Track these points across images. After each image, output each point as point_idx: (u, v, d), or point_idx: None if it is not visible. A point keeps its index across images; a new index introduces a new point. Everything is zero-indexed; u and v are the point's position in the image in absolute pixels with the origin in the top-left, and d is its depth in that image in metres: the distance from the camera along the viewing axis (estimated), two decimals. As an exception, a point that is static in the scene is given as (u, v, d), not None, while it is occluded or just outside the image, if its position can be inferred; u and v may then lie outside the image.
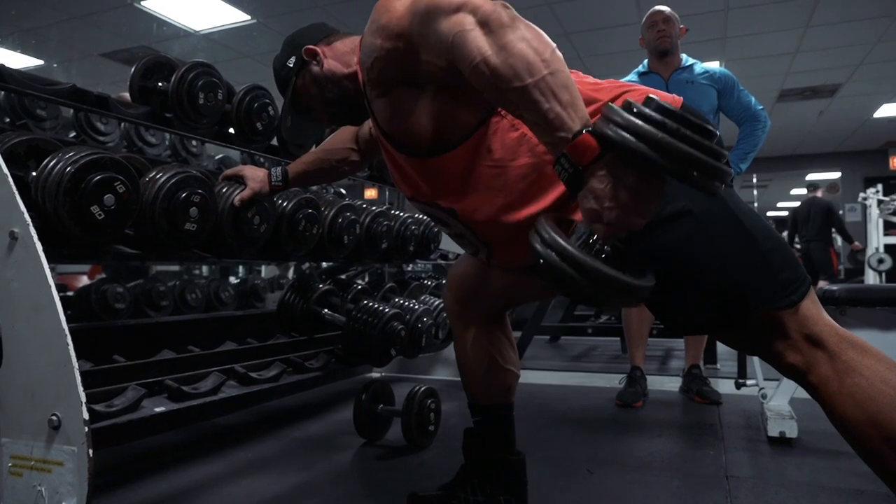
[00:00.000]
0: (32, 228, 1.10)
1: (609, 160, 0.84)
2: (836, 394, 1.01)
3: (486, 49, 0.91)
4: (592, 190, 0.85)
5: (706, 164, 0.81)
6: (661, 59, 2.83)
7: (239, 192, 1.71)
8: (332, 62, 1.33)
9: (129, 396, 1.48)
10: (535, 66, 0.88)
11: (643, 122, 0.80)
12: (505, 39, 0.91)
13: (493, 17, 0.93)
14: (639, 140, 0.80)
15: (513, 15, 0.93)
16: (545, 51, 0.90)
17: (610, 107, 0.84)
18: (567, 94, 0.88)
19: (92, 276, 4.91)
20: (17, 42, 6.13)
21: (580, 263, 0.84)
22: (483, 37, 0.92)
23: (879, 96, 7.94)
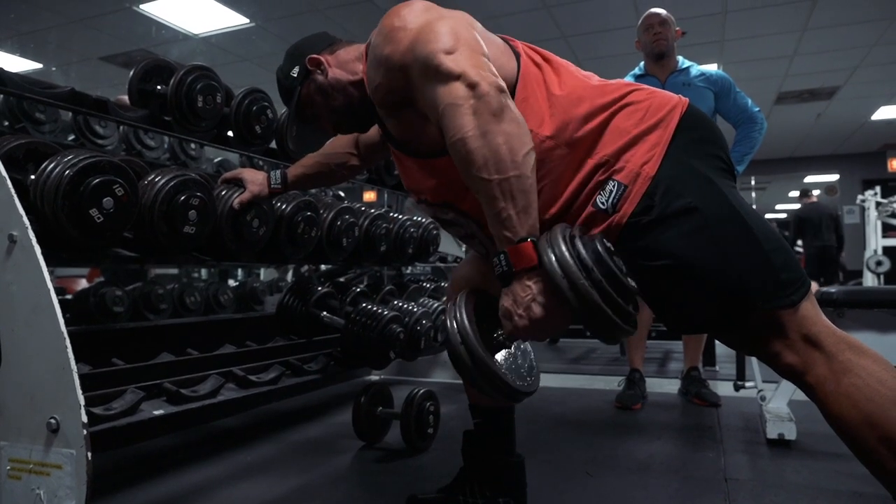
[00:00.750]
0: (31, 232, 1.10)
1: (537, 276, 0.95)
2: (833, 394, 1.01)
3: (468, 130, 0.96)
4: (514, 293, 0.97)
5: (609, 321, 0.92)
6: (657, 61, 2.84)
7: (238, 195, 1.71)
8: (337, 70, 1.33)
9: (127, 399, 1.48)
10: (504, 165, 0.94)
11: (573, 263, 0.91)
12: (487, 128, 0.95)
13: (485, 101, 0.96)
14: (564, 276, 0.91)
15: (503, 104, 0.97)
16: (519, 152, 0.95)
17: (555, 232, 0.96)
18: (524, 200, 0.95)
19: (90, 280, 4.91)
20: (15, 45, 6.14)
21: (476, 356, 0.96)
22: (470, 115, 0.96)
23: (877, 99, 7.95)
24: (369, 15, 5.08)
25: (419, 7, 1.13)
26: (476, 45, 1.05)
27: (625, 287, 0.94)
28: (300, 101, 1.37)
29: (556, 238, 0.94)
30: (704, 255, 1.07)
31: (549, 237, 0.95)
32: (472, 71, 0.98)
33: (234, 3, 5.34)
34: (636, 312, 0.98)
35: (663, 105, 1.17)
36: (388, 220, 2.48)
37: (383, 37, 1.12)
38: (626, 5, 5.22)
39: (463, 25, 1.09)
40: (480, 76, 0.98)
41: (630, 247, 1.12)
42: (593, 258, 0.92)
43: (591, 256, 0.92)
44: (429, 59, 1.02)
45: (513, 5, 5.31)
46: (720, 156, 1.18)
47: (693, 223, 1.07)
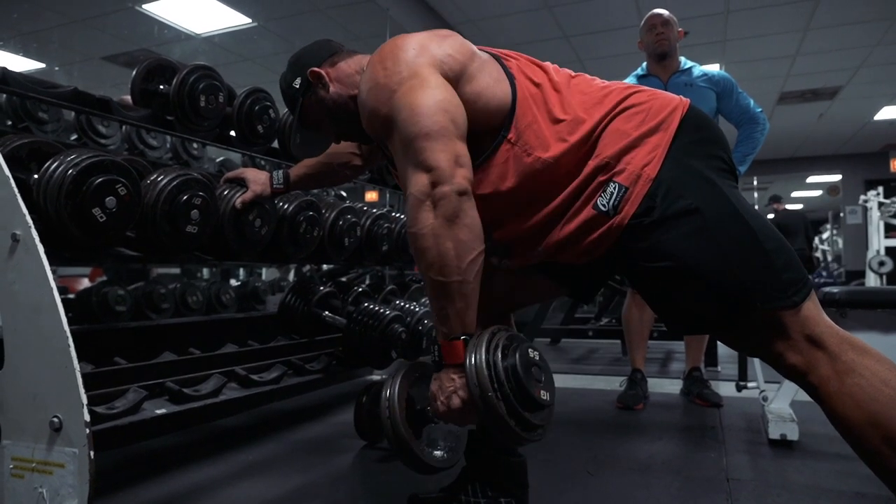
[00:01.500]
0: (34, 231, 1.10)
1: (462, 372, 1.04)
2: (836, 394, 1.01)
3: (423, 228, 1.04)
4: (440, 380, 1.08)
5: (510, 431, 1.01)
6: (659, 62, 2.84)
7: (240, 194, 1.71)
8: (338, 85, 1.34)
9: (130, 398, 1.48)
10: (449, 270, 1.03)
11: (487, 373, 1.00)
12: (440, 231, 1.03)
13: (444, 203, 1.03)
14: (476, 385, 1.00)
15: (460, 208, 1.03)
16: (465, 258, 1.03)
17: (483, 336, 1.05)
18: (463, 302, 1.05)
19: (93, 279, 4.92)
20: (19, 45, 6.15)
21: (396, 430, 1.10)
22: (429, 213, 1.03)
23: (880, 99, 7.94)
24: (371, 15, 5.08)
25: (406, 57, 1.12)
26: (455, 125, 1.06)
27: (535, 401, 1.01)
28: (303, 111, 1.39)
29: (481, 343, 1.03)
30: (706, 255, 1.07)
31: (477, 341, 1.04)
32: (442, 168, 1.03)
33: (237, 3, 5.35)
34: (545, 423, 1.07)
35: (664, 107, 1.17)
36: (390, 220, 2.48)
37: (369, 86, 1.13)
38: (627, 5, 5.22)
39: (448, 93, 1.08)
40: (447, 176, 1.03)
41: (632, 248, 1.12)
42: (509, 371, 1.01)
43: (507, 369, 1.01)
44: (407, 141, 1.06)
45: (514, 5, 5.31)
46: (721, 156, 1.18)
47: (694, 224, 1.07)
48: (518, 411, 1.00)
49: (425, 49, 1.13)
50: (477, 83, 1.14)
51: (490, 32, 5.92)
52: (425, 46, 1.13)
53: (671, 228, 1.08)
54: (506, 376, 1.00)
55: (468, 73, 1.14)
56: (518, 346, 1.05)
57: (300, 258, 2.07)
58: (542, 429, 1.06)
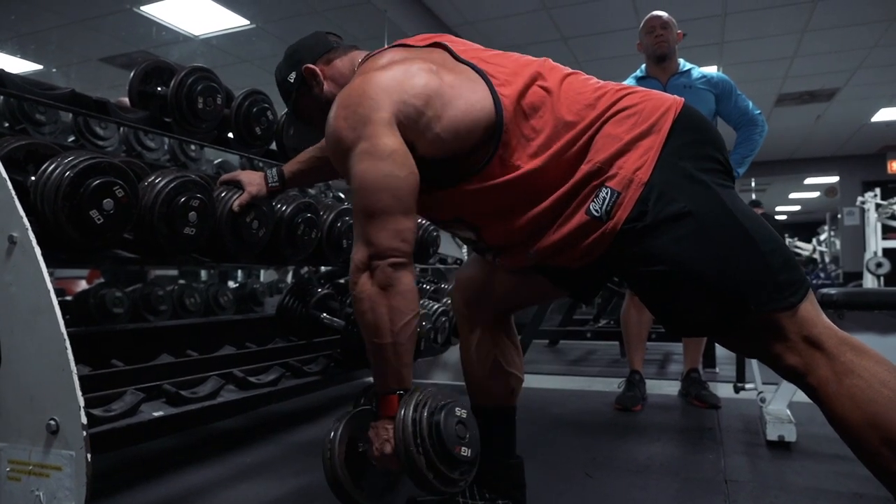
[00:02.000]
0: (31, 233, 1.10)
1: (391, 424, 1.13)
2: (835, 395, 1.01)
3: (361, 293, 1.12)
4: (377, 430, 1.16)
5: (429, 484, 1.10)
6: (658, 63, 2.84)
7: (237, 196, 1.71)
8: (331, 84, 1.35)
9: (127, 401, 1.48)
10: (383, 332, 1.11)
11: (412, 429, 1.10)
12: (376, 299, 1.11)
13: (380, 274, 1.11)
14: (401, 439, 1.10)
15: (395, 278, 1.11)
16: (398, 323, 1.11)
17: (410, 397, 1.13)
18: (397, 362, 1.13)
19: (90, 281, 4.91)
20: (16, 47, 6.14)
21: (333, 471, 1.19)
22: (367, 281, 1.12)
23: (877, 100, 7.96)
24: (369, 17, 5.08)
25: (365, 112, 1.10)
26: (398, 200, 1.11)
27: (453, 458, 1.11)
28: (297, 105, 1.39)
29: (411, 401, 1.13)
30: (700, 259, 1.06)
31: (408, 398, 1.14)
32: (381, 245, 1.11)
33: (235, 5, 5.35)
34: (465, 477, 1.15)
35: (657, 108, 1.16)
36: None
37: (332, 127, 1.15)
38: (625, 7, 5.22)
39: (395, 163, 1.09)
40: (384, 252, 1.11)
41: (626, 253, 1.12)
42: (432, 429, 1.10)
43: (430, 426, 1.10)
44: (354, 210, 1.14)
45: (512, 7, 5.32)
46: (716, 157, 1.17)
47: (687, 227, 1.07)
48: (436, 466, 1.10)
49: (388, 97, 1.10)
50: (452, 114, 1.12)
51: (488, 34, 5.92)
52: (389, 93, 1.10)
53: (664, 233, 1.08)
54: (428, 433, 1.10)
55: (437, 109, 1.11)
56: (446, 405, 1.14)
57: (298, 260, 2.07)
58: (464, 481, 1.16)
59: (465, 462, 1.14)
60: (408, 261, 1.13)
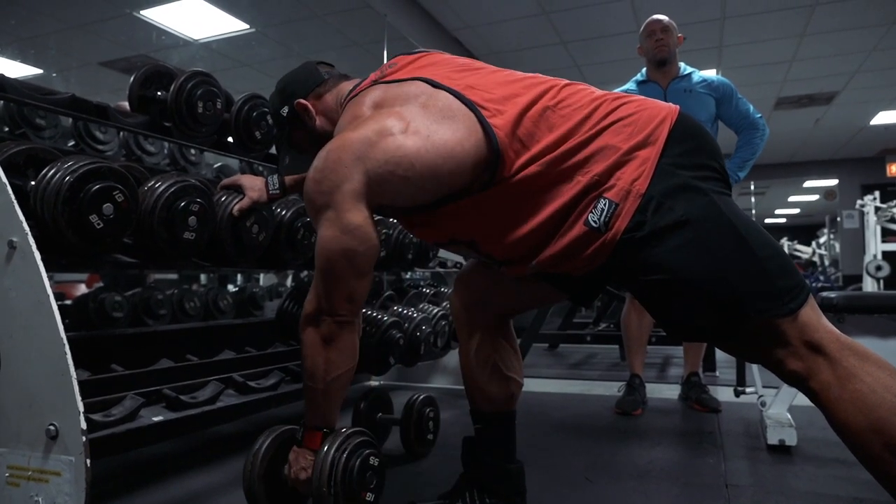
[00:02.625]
0: (31, 237, 1.10)
1: (313, 457, 1.26)
2: (838, 400, 1.01)
3: (305, 339, 1.24)
4: (297, 455, 1.29)
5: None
6: (659, 68, 2.85)
7: (237, 201, 1.71)
8: (323, 119, 1.41)
9: (127, 406, 1.48)
10: (317, 379, 1.23)
11: (329, 470, 1.22)
12: (316, 349, 1.22)
13: (324, 326, 1.21)
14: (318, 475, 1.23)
15: (337, 334, 1.22)
16: (331, 374, 1.23)
17: (335, 438, 1.26)
18: (326, 406, 1.27)
19: (90, 285, 4.90)
20: (16, 51, 6.14)
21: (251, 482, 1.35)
22: (312, 330, 1.23)
23: (876, 104, 7.97)
24: (369, 21, 5.09)
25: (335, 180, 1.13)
26: (353, 266, 1.19)
27: (359, 502, 1.25)
28: (292, 137, 1.45)
29: (335, 442, 1.25)
30: (698, 267, 1.07)
31: (333, 438, 1.25)
32: (330, 303, 1.20)
33: (234, 9, 5.36)
34: None
35: (652, 118, 1.16)
36: (388, 226, 2.48)
37: (308, 185, 1.19)
38: (625, 11, 5.23)
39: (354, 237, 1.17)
40: (333, 310, 1.20)
41: (626, 262, 1.12)
42: (346, 473, 1.23)
43: (344, 470, 1.23)
44: (315, 265, 1.21)
45: (512, 11, 5.33)
46: (712, 165, 1.17)
47: (685, 236, 1.07)
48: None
49: (361, 164, 1.12)
50: (430, 162, 1.12)
51: (488, 38, 5.94)
52: (362, 160, 1.12)
53: (662, 242, 1.08)
54: (342, 476, 1.22)
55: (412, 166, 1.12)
56: (362, 451, 1.27)
57: (298, 264, 2.07)
58: None
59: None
60: (353, 319, 1.24)
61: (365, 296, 1.25)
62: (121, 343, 2.43)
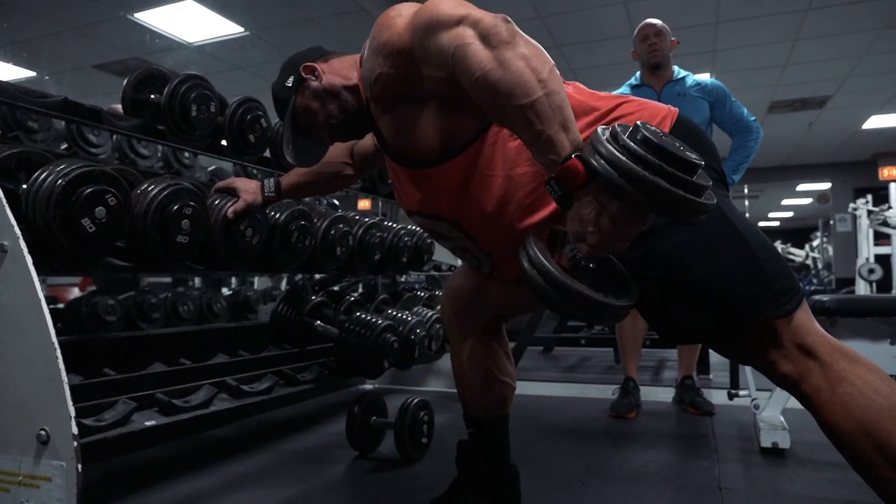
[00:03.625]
0: (22, 241, 1.09)
1: (595, 187, 0.87)
2: (828, 403, 1.01)
3: (485, 64, 0.93)
4: (578, 213, 0.90)
5: (685, 201, 0.84)
6: (653, 72, 2.86)
7: (231, 204, 1.71)
8: (331, 76, 1.32)
9: (119, 410, 1.47)
10: (531, 86, 0.90)
11: (626, 158, 0.84)
12: (504, 56, 0.92)
13: (494, 32, 0.94)
14: (621, 176, 0.83)
15: (513, 30, 0.95)
16: (543, 70, 0.91)
17: (597, 134, 0.87)
18: (560, 115, 0.90)
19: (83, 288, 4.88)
20: (8, 54, 6.12)
21: (561, 285, 0.90)
22: (484, 51, 0.94)
23: (868, 108, 8.01)
24: (363, 24, 5.09)
25: (410, 3, 1.11)
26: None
27: (687, 162, 0.86)
28: (295, 111, 1.36)
29: (598, 141, 0.87)
30: (697, 265, 1.07)
31: (591, 143, 0.88)
32: (473, 11, 0.98)
33: (229, 12, 5.35)
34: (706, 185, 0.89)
35: (653, 117, 1.17)
36: (383, 229, 2.48)
37: (379, 28, 1.11)
38: (619, 15, 5.25)
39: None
40: (482, 14, 0.97)
41: (624, 258, 1.12)
42: (644, 146, 0.85)
43: (641, 146, 0.85)
44: (429, 18, 1.02)
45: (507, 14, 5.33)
46: (711, 166, 1.18)
47: (686, 234, 1.08)
48: (681, 177, 0.84)
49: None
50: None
51: (482, 42, 5.94)
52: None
53: (663, 238, 1.08)
54: (646, 151, 0.84)
55: None
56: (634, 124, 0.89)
57: (292, 267, 2.06)
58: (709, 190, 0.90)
59: (698, 165, 0.88)
60: None
61: None
62: (113, 347, 2.42)
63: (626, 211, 0.87)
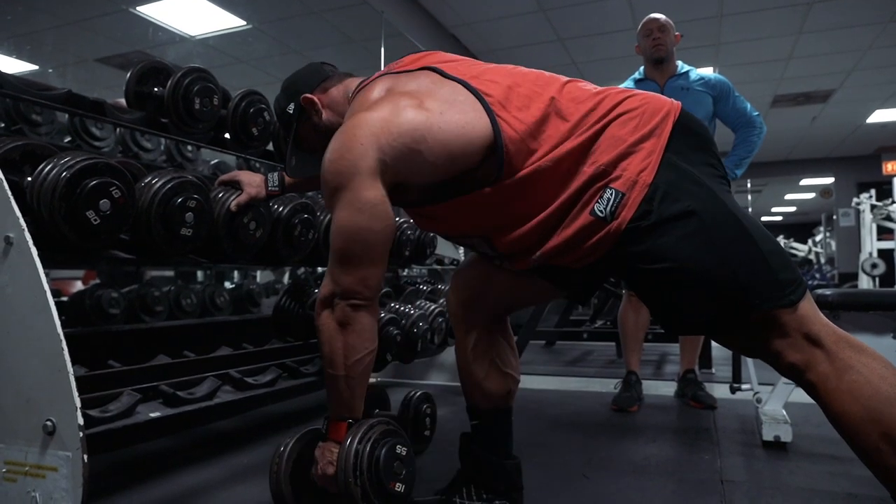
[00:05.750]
0: (27, 234, 1.10)
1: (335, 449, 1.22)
2: (835, 390, 1.03)
3: (322, 325, 1.20)
4: (322, 451, 1.24)
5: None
6: (656, 66, 2.85)
7: (235, 197, 1.71)
8: (329, 113, 1.39)
9: (123, 402, 1.48)
10: (336, 365, 1.19)
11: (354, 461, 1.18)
12: (333, 334, 1.19)
13: (339, 312, 1.18)
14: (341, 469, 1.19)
15: (353, 318, 1.18)
16: (351, 358, 1.18)
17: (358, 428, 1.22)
18: (348, 393, 1.21)
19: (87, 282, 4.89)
20: (12, 47, 6.11)
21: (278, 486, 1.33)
22: (328, 316, 1.19)
23: (872, 102, 7.99)
24: (366, 18, 5.08)
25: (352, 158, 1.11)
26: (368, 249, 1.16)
27: (387, 492, 1.19)
28: (298, 135, 1.43)
29: (358, 433, 1.20)
30: (703, 257, 1.08)
31: (356, 429, 1.21)
32: (344, 287, 1.17)
33: (231, 6, 5.34)
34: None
35: (657, 112, 1.18)
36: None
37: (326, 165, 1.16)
38: (622, 8, 5.23)
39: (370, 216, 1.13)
40: (347, 293, 1.17)
41: (630, 251, 1.13)
42: (372, 463, 1.18)
43: (370, 461, 1.18)
44: (330, 249, 1.19)
45: (510, 8, 5.32)
46: (713, 161, 1.20)
47: (691, 226, 1.08)
48: (370, 498, 1.18)
49: (376, 141, 1.11)
50: (443, 139, 1.12)
51: (485, 35, 5.93)
52: (377, 136, 1.11)
53: (668, 231, 1.09)
54: (367, 467, 1.18)
55: (426, 140, 1.12)
56: (388, 441, 1.22)
57: (295, 261, 2.07)
58: None
59: (398, 497, 1.22)
60: (369, 303, 1.19)
61: (381, 277, 1.21)
62: (117, 339, 2.43)
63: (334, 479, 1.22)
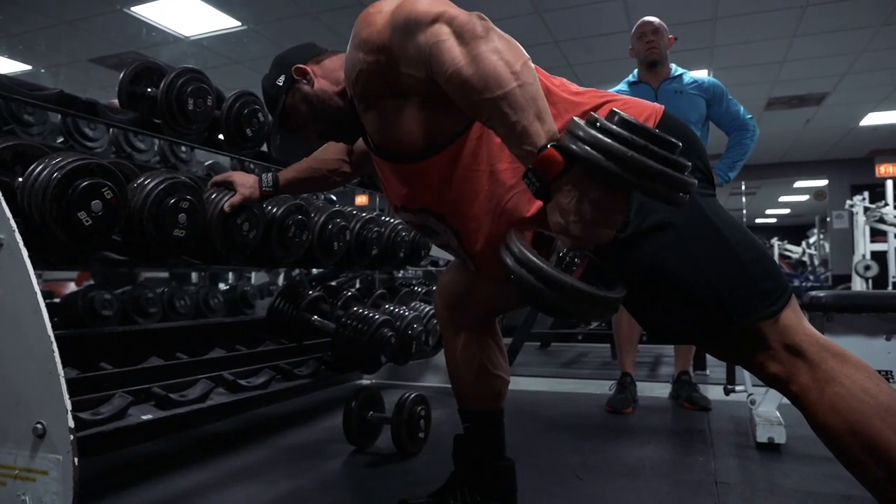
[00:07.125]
0: (18, 235, 1.09)
1: (574, 175, 0.84)
2: (817, 403, 1.01)
3: (458, 60, 0.92)
4: (558, 204, 0.86)
5: (671, 177, 0.82)
6: (650, 69, 2.85)
7: (228, 198, 1.70)
8: (323, 81, 1.33)
9: (115, 404, 1.46)
10: (504, 78, 0.88)
11: (608, 138, 0.81)
12: (477, 50, 0.91)
13: (468, 28, 0.93)
14: (606, 157, 0.81)
15: (487, 26, 0.94)
16: (516, 63, 0.90)
17: (574, 121, 0.85)
18: (535, 106, 0.88)
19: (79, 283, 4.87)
20: (4, 48, 6.09)
21: (551, 279, 0.85)
22: (457, 47, 0.93)
23: (865, 105, 8.02)
24: (361, 19, 5.08)
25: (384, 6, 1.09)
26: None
27: (667, 140, 0.84)
28: (285, 110, 1.36)
29: (577, 127, 0.84)
30: (680, 269, 1.06)
31: (569, 130, 0.85)
32: (449, 9, 0.97)
33: (226, 6, 5.33)
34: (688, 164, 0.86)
35: (639, 115, 1.15)
36: (380, 224, 2.47)
37: (360, 24, 1.11)
38: (617, 10, 5.24)
39: None
40: (457, 11, 0.96)
41: (607, 263, 1.12)
42: (625, 128, 0.82)
43: (622, 127, 0.82)
44: (406, 18, 1.01)
45: (505, 10, 5.32)
46: (696, 165, 1.15)
47: (667, 239, 1.06)
48: (666, 155, 0.82)
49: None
50: None
51: (480, 37, 5.91)
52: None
53: (645, 244, 1.07)
54: (629, 132, 0.82)
55: None
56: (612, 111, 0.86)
57: (289, 262, 2.06)
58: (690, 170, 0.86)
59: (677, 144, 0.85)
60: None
61: None
62: (110, 341, 2.42)
63: (608, 195, 0.85)
